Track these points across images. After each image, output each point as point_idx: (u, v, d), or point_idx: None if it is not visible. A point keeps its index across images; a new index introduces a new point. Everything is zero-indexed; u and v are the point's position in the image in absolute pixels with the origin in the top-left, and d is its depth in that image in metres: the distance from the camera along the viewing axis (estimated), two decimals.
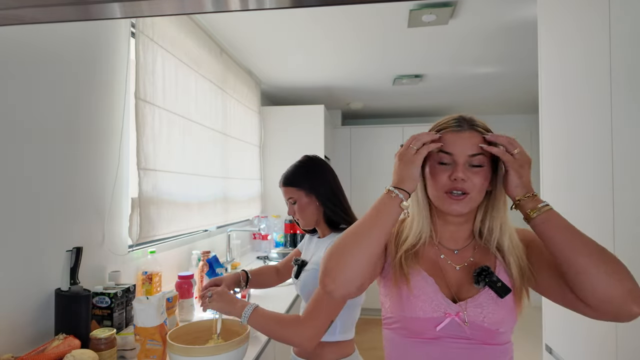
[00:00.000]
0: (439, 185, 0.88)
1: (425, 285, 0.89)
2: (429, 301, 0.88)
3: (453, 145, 0.87)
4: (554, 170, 1.59)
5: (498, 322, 0.85)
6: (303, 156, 1.46)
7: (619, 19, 1.19)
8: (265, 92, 4.03)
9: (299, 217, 1.41)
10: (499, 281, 0.86)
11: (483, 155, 0.87)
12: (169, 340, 1.15)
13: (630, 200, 1.14)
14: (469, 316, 0.86)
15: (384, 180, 4.88)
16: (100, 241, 1.61)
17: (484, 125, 0.90)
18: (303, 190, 1.38)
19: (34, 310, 1.29)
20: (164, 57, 2.00)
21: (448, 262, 0.93)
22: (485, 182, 0.88)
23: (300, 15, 2.36)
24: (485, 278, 0.86)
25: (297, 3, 0.58)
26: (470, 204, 0.87)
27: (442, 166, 0.88)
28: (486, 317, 0.85)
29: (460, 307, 0.87)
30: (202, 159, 2.45)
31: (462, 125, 0.88)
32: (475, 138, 0.87)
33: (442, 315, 0.87)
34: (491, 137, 0.86)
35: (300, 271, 1.40)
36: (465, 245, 0.95)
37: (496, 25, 2.49)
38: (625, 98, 1.16)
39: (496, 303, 0.86)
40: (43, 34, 1.34)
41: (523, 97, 4.34)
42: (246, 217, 3.35)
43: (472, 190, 0.86)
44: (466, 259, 0.93)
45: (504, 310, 0.86)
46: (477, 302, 0.87)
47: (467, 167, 0.86)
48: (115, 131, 1.70)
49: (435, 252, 0.95)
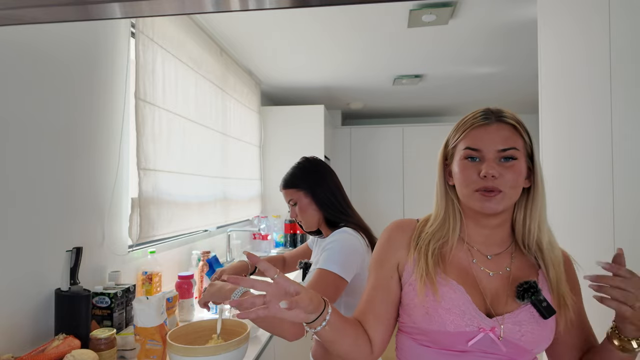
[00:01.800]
0: (468, 182, 0.80)
1: (456, 296, 0.80)
2: (461, 314, 0.78)
3: (480, 141, 0.80)
4: (554, 170, 1.59)
5: (535, 342, 0.78)
6: (301, 158, 1.47)
7: (619, 19, 1.19)
8: (265, 92, 4.03)
9: (301, 219, 1.42)
10: (544, 300, 0.78)
11: (515, 149, 0.79)
12: (169, 340, 1.15)
13: (630, 200, 1.14)
14: (505, 332, 0.77)
15: (384, 180, 4.89)
16: (100, 241, 1.61)
17: (513, 116, 0.83)
18: (302, 191, 1.39)
19: (34, 311, 1.29)
20: (164, 57, 2.00)
21: (481, 268, 0.84)
22: (520, 177, 0.80)
23: (300, 16, 2.36)
24: (532, 295, 0.78)
25: (297, 3, 0.58)
26: (505, 202, 0.79)
27: (471, 162, 0.81)
28: (524, 336, 0.77)
29: (495, 322, 0.78)
30: (202, 159, 2.45)
31: (490, 117, 0.82)
32: (504, 130, 0.80)
33: (475, 330, 0.78)
34: (593, 278, 0.73)
35: (305, 274, 1.40)
36: (502, 251, 0.86)
37: (496, 25, 2.49)
38: (625, 98, 1.16)
39: (537, 322, 0.78)
40: (43, 34, 1.34)
41: (523, 97, 4.34)
42: (246, 217, 3.35)
43: (504, 187, 0.78)
44: (502, 267, 0.84)
45: (544, 332, 0.79)
46: (517, 318, 0.78)
47: (498, 162, 0.79)
48: (115, 131, 1.70)
49: (465, 256, 0.85)
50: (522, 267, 0.84)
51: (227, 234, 2.82)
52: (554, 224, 1.58)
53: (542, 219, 0.84)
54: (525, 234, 0.85)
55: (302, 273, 1.41)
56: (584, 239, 1.38)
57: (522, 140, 0.82)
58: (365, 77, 3.59)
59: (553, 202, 1.60)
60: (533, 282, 0.79)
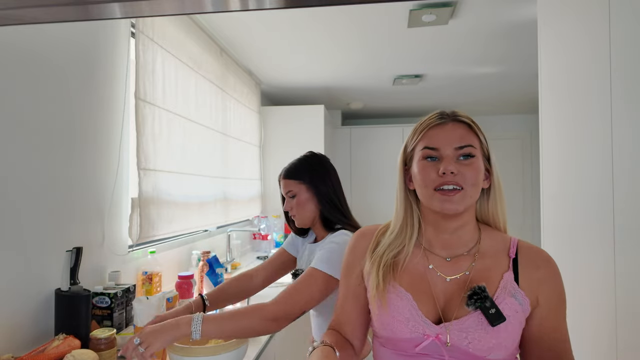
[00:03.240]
0: (427, 182, 0.80)
1: (402, 303, 0.81)
2: (405, 322, 0.79)
3: (437, 139, 0.81)
4: (554, 170, 1.59)
5: (486, 350, 0.75)
6: (308, 152, 1.42)
7: (619, 19, 1.19)
8: (265, 92, 4.03)
9: (296, 213, 1.36)
10: (492, 307, 0.75)
11: (472, 147, 0.80)
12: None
13: (630, 200, 1.14)
14: (452, 339, 0.76)
15: (384, 180, 4.89)
16: (100, 241, 1.61)
17: (468, 116, 0.84)
18: (304, 184, 1.34)
19: (34, 311, 1.29)
20: (164, 57, 2.00)
21: (437, 273, 0.83)
22: (479, 174, 0.80)
23: (300, 16, 2.36)
24: (477, 301, 0.76)
25: (297, 3, 0.58)
26: (466, 201, 0.79)
27: (430, 162, 0.81)
28: (471, 343, 0.75)
29: (441, 329, 0.77)
30: (202, 159, 2.45)
31: (445, 118, 0.83)
32: (460, 129, 0.81)
33: (420, 336, 0.78)
34: None
35: None
36: (462, 254, 0.84)
37: (496, 25, 2.49)
38: (625, 97, 1.16)
39: (485, 330, 0.75)
40: (43, 34, 1.34)
41: (523, 97, 4.34)
42: (246, 217, 3.35)
43: (464, 183, 0.78)
44: (461, 271, 0.82)
45: (494, 339, 0.75)
46: (464, 325, 0.76)
47: (456, 160, 0.80)
48: (115, 131, 1.70)
49: (422, 262, 0.85)
50: (485, 270, 0.81)
51: (227, 234, 2.82)
52: (554, 224, 1.58)
53: (504, 219, 0.86)
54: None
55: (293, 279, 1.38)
56: (584, 239, 1.38)
57: (478, 139, 0.83)
58: (365, 77, 3.59)
59: (553, 203, 1.60)
60: (478, 287, 0.77)
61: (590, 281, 1.33)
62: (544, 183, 1.66)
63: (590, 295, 1.33)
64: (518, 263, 0.81)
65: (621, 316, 1.17)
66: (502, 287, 0.79)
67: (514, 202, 5.26)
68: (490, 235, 0.86)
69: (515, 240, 0.85)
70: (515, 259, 0.82)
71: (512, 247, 0.83)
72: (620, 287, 1.18)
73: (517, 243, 0.84)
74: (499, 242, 0.85)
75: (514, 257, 0.82)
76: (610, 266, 1.21)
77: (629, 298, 1.14)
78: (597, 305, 1.28)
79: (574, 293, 1.42)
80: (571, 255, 1.45)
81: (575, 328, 1.42)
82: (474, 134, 0.82)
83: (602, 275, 1.25)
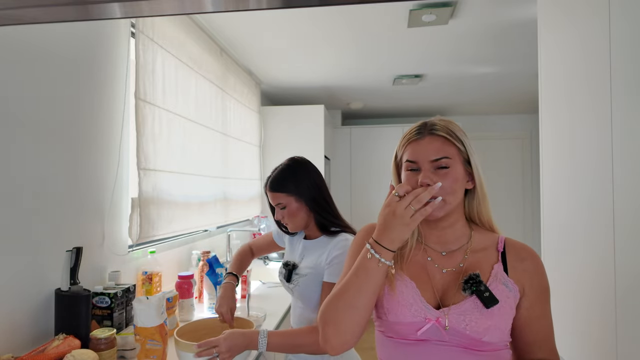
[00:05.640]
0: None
1: (407, 290, 0.90)
2: (409, 306, 0.88)
3: (415, 153, 0.90)
4: (554, 170, 1.59)
5: (482, 332, 0.84)
6: (288, 159, 1.42)
7: (619, 19, 1.19)
8: (265, 92, 4.03)
9: (288, 222, 1.38)
10: (486, 291, 0.86)
11: (447, 158, 0.88)
12: (176, 336, 1.16)
13: (630, 200, 1.14)
14: (451, 322, 0.85)
15: (384, 180, 4.88)
16: (100, 241, 1.61)
17: (445, 127, 0.91)
18: (293, 195, 1.35)
19: (34, 310, 1.29)
20: (164, 57, 2.00)
21: (435, 265, 0.93)
22: (456, 182, 0.89)
23: (300, 15, 2.36)
24: (473, 286, 0.86)
25: (297, 3, 0.58)
26: (445, 207, 0.88)
27: (412, 173, 0.91)
28: (468, 325, 0.84)
29: (441, 313, 0.87)
30: (202, 159, 2.45)
31: (422, 132, 0.91)
32: (436, 142, 0.89)
33: (422, 320, 0.87)
34: None
35: (290, 274, 1.38)
36: (456, 249, 0.95)
37: (496, 25, 2.49)
38: (625, 97, 1.16)
39: (481, 312, 0.85)
40: (43, 34, 1.34)
41: (523, 97, 4.34)
42: (246, 217, 3.35)
43: (441, 193, 0.86)
44: (456, 264, 0.93)
45: (489, 320, 0.84)
46: (462, 309, 0.86)
47: (433, 170, 0.88)
48: (115, 131, 1.70)
49: (422, 255, 0.95)
50: (476, 262, 0.92)
51: (227, 234, 2.82)
52: (554, 224, 1.58)
53: (488, 215, 0.96)
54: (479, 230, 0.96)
55: (287, 274, 1.39)
56: (584, 239, 1.38)
57: (456, 148, 0.90)
58: (365, 77, 3.59)
59: (553, 202, 1.60)
60: (474, 274, 0.88)
61: (590, 281, 1.33)
62: (544, 183, 1.66)
63: (590, 295, 1.33)
64: (506, 256, 0.92)
65: (621, 316, 1.17)
66: (494, 276, 0.89)
67: (514, 202, 5.26)
68: (481, 233, 0.97)
69: (503, 237, 0.96)
70: (503, 253, 0.93)
71: (500, 242, 0.94)
72: (620, 287, 1.18)
73: (505, 240, 0.95)
74: (488, 239, 0.96)
75: (502, 251, 0.93)
76: (611, 266, 1.21)
77: (629, 298, 1.14)
78: (597, 305, 1.29)
79: (574, 293, 1.42)
80: (571, 255, 1.45)
81: (575, 328, 1.42)
82: (451, 144, 0.90)
83: (602, 275, 1.25)
